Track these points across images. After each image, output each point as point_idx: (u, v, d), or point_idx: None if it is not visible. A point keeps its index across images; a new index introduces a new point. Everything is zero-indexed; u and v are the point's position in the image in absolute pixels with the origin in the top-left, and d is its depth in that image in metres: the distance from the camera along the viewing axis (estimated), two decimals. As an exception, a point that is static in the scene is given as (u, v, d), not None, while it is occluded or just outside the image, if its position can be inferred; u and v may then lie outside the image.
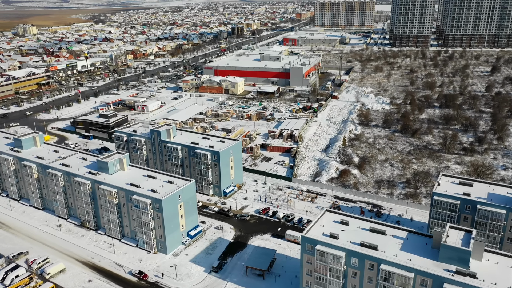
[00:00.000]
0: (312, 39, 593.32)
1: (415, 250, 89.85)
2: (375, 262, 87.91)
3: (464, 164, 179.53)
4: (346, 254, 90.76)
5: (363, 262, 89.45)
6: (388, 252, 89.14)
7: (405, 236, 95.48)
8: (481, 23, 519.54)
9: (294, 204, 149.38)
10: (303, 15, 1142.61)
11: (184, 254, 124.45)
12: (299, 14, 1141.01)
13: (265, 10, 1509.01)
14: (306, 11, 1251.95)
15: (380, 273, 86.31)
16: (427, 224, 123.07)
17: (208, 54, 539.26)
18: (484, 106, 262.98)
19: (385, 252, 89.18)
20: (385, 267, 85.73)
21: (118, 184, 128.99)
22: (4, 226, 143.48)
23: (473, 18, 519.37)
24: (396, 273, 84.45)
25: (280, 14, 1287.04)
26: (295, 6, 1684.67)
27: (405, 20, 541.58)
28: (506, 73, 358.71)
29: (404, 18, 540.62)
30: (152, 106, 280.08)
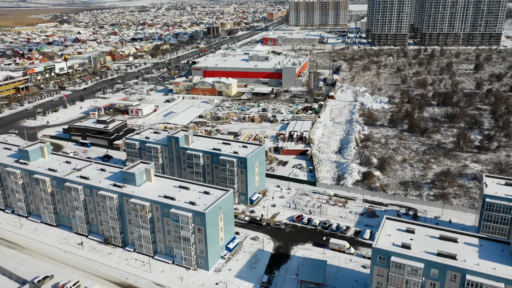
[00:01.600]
0: (292, 39, 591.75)
1: (495, 258, 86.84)
2: (459, 273, 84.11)
3: (481, 163, 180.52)
4: (425, 265, 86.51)
5: (444, 273, 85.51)
6: (469, 261, 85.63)
7: (477, 243, 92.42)
8: (456, 22, 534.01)
9: (327, 210, 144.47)
10: (275, 15, 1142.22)
11: (227, 269, 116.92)
12: (270, 14, 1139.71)
13: (235, 10, 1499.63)
14: (277, 10, 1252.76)
15: (466, 284, 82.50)
16: (476, 227, 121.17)
17: (188, 54, 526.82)
18: (479, 103, 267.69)
19: (465, 262, 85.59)
20: (472, 277, 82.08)
21: (150, 197, 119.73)
22: (18, 246, 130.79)
23: (449, 17, 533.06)
24: (484, 284, 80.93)
25: (251, 13, 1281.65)
26: (264, 5, 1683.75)
27: (383, 19, 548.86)
28: (489, 71, 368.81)
29: (382, 17, 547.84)
30: (146, 110, 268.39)
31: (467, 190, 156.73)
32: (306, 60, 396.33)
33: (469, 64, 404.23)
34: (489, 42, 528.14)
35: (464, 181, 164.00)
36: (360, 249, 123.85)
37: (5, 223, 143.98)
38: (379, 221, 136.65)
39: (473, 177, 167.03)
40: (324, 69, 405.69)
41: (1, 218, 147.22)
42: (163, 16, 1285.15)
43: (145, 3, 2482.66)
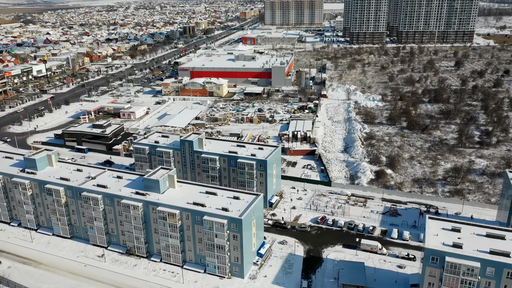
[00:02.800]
0: (271, 38, 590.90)
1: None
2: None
3: (486, 158, 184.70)
4: (481, 264, 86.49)
5: (500, 271, 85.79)
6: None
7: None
8: (431, 20, 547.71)
9: (349, 210, 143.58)
10: (248, 14, 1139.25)
11: (262, 276, 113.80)
12: (243, 13, 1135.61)
13: (206, 9, 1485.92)
14: (249, 9, 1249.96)
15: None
16: (499, 222, 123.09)
17: (167, 55, 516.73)
18: (468, 99, 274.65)
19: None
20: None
21: (178, 204, 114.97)
22: (32, 261, 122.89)
23: (424, 15, 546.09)
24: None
25: (223, 13, 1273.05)
26: (235, 4, 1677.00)
27: (361, 18, 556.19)
28: (469, 67, 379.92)
29: (360, 16, 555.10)
30: (139, 113, 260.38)
31: (479, 185, 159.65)
32: (292, 59, 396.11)
33: (449, 61, 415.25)
34: (462, 40, 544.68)
35: (474, 176, 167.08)
36: (390, 248, 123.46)
37: (13, 237, 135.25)
38: (403, 219, 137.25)
39: (482, 172, 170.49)
40: (308, 68, 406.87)
41: (8, 232, 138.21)
42: (133, 16, 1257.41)
43: (111, 2, 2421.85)
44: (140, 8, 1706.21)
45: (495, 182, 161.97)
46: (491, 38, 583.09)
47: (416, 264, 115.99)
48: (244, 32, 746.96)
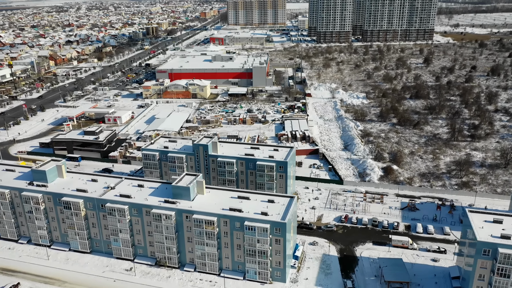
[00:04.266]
0: (240, 38, 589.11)
1: None
2: None
3: (480, 150, 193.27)
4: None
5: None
6: None
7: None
8: (394, 19, 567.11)
9: (369, 207, 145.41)
10: (208, 14, 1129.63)
11: (303, 278, 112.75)
12: (203, 13, 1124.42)
13: (162, 10, 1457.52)
14: (209, 9, 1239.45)
15: None
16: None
17: (135, 56, 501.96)
18: (446, 95, 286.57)
19: None
20: None
21: (213, 210, 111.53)
22: (55, 280, 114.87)
23: (387, 14, 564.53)
24: None
25: (182, 13, 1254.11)
26: (191, 4, 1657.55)
27: (327, 17, 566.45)
28: (438, 64, 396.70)
29: (326, 15, 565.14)
30: (125, 117, 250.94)
31: (483, 177, 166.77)
32: (268, 59, 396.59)
33: (417, 58, 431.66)
34: (424, 37, 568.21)
35: (475, 169, 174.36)
36: (419, 243, 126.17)
37: (25, 256, 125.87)
38: (423, 214, 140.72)
39: (481, 164, 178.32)
40: (284, 68, 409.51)
41: (18, 250, 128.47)
42: (87, 17, 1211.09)
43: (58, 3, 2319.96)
44: (93, 8, 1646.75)
45: (496, 173, 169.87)
46: (448, 35, 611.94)
47: (448, 256, 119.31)
48: (209, 33, 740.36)
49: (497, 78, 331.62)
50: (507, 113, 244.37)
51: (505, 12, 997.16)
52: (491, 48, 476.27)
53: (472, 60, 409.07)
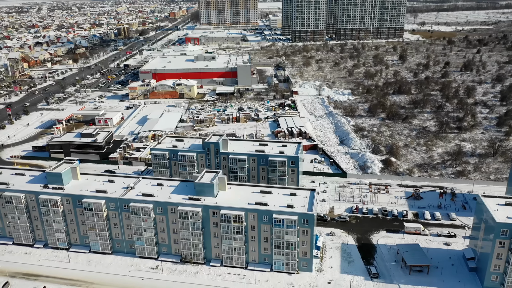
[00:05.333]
0: (215, 37, 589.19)
1: None
2: None
3: (468, 141, 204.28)
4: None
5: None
6: None
7: None
8: (366, 18, 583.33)
9: (377, 198, 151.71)
10: (177, 14, 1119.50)
11: (327, 267, 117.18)
12: (173, 13, 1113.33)
13: (129, 10, 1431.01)
14: (178, 9, 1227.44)
15: None
16: None
17: (110, 58, 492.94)
18: (426, 90, 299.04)
19: None
20: None
21: (240, 205, 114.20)
22: (82, 282, 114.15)
23: (359, 13, 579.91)
24: None
25: (150, 13, 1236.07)
26: (158, 4, 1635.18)
27: (302, 16, 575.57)
28: (412, 61, 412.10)
29: (301, 14, 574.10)
30: (115, 119, 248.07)
31: (475, 166, 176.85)
32: (250, 58, 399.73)
33: (392, 55, 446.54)
34: (394, 35, 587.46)
35: (467, 158, 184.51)
36: (429, 229, 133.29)
37: (44, 259, 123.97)
38: (428, 202, 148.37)
39: (471, 154, 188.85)
40: (265, 66, 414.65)
41: (35, 254, 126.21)
42: (50, 18, 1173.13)
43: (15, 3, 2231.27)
44: (55, 9, 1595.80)
45: (486, 162, 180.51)
46: (417, 33, 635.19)
47: (458, 240, 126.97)
48: (182, 33, 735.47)
49: (470, 73, 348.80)
50: (486, 105, 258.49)
51: (465, 10, 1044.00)
52: (459, 45, 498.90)
53: (444, 56, 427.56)
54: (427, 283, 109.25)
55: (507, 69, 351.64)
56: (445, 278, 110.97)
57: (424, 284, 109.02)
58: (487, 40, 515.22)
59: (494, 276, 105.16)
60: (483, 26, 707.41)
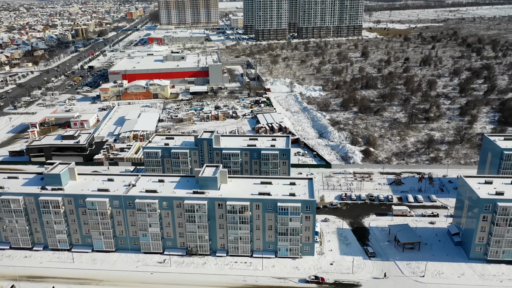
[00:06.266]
0: (179, 38, 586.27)
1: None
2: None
3: (436, 130, 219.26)
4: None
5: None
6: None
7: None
8: (326, 16, 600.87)
9: (363, 185, 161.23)
10: (134, 14, 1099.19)
11: (328, 250, 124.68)
12: (129, 13, 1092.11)
13: (82, 10, 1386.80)
14: (135, 9, 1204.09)
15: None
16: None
17: (72, 59, 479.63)
18: (391, 84, 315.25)
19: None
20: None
21: (244, 196, 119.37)
22: (91, 280, 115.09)
23: (320, 12, 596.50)
24: None
25: (105, 13, 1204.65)
26: (112, 5, 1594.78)
27: (264, 16, 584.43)
28: (374, 57, 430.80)
29: (263, 14, 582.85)
30: (92, 121, 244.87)
31: (446, 152, 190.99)
32: (219, 57, 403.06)
33: (354, 52, 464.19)
34: (353, 33, 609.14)
35: (438, 146, 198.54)
36: (414, 211, 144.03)
37: (46, 261, 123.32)
38: (410, 186, 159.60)
39: (441, 142, 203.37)
40: (233, 65, 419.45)
41: (36, 257, 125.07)
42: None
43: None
44: (1, 10, 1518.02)
45: (455, 148, 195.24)
46: (374, 31, 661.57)
47: (441, 219, 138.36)
48: (142, 33, 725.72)
49: (428, 67, 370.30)
50: (447, 97, 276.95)
51: (415, 9, 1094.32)
52: (415, 41, 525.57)
53: (403, 52, 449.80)
54: (419, 258, 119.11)
55: (461, 63, 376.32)
56: (434, 252, 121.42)
57: (416, 259, 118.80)
58: (440, 37, 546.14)
59: (478, 247, 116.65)
60: (434, 23, 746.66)
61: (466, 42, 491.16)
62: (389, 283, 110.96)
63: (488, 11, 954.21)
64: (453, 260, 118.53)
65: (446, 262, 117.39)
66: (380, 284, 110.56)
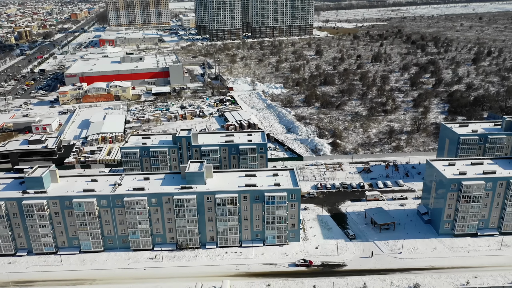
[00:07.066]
0: (131, 39, 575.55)
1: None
2: (502, 181, 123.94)
3: (394, 121, 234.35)
4: (485, 182, 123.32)
5: (495, 184, 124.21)
6: (504, 174, 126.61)
7: (492, 162, 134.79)
8: (278, 16, 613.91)
9: (335, 174, 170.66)
10: (79, 15, 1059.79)
11: (311, 235, 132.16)
12: (74, 15, 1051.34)
13: (20, 12, 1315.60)
14: (80, 11, 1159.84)
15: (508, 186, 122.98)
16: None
17: (19, 63, 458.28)
18: (348, 80, 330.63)
19: (501, 174, 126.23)
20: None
21: (232, 189, 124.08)
22: (84, 280, 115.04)
23: (272, 12, 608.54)
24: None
25: (47, 15, 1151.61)
26: (52, 5, 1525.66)
27: (218, 16, 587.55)
28: (328, 55, 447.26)
29: (217, 14, 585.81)
30: (54, 125, 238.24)
31: (406, 141, 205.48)
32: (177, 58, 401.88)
33: (308, 51, 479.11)
34: (305, 32, 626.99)
35: (398, 135, 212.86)
36: (385, 195, 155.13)
37: (33, 266, 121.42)
38: (378, 173, 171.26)
39: (400, 132, 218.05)
40: (191, 65, 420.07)
41: (21, 262, 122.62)
42: None
43: None
44: None
45: (414, 137, 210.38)
46: (324, 30, 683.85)
47: (409, 201, 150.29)
48: (91, 35, 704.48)
49: (380, 64, 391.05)
50: (400, 91, 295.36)
51: (359, 8, 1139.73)
52: (363, 39, 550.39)
53: (354, 50, 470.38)
54: (395, 237, 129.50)
55: (409, 59, 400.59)
56: (408, 231, 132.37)
57: (393, 238, 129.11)
58: (386, 35, 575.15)
59: (446, 223, 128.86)
60: (379, 22, 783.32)
61: (411, 39, 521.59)
62: (372, 260, 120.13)
63: (426, 10, 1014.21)
64: (425, 236, 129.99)
65: (419, 239, 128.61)
66: (363, 263, 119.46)
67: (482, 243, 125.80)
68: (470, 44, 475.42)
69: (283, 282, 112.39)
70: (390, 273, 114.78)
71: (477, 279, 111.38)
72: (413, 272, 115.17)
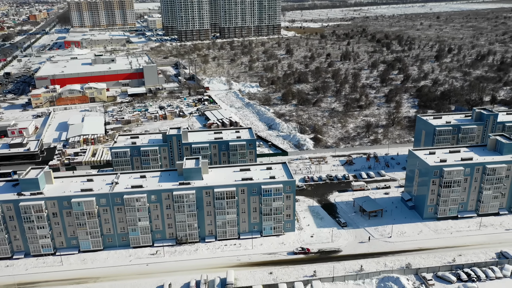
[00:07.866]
0: (98, 40, 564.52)
1: (484, 153, 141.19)
2: (480, 166, 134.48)
3: (370, 116, 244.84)
4: (464, 168, 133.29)
5: (473, 169, 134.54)
6: (479, 159, 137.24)
7: (468, 150, 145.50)
8: (246, 17, 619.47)
9: (321, 168, 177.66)
10: (38, 16, 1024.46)
11: (305, 225, 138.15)
12: (33, 16, 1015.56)
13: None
14: (38, 12, 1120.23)
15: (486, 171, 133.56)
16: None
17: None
18: (320, 78, 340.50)
19: (478, 159, 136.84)
20: (490, 166, 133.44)
21: (231, 182, 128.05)
22: (88, 279, 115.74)
23: (240, 12, 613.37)
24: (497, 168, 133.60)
25: (4, 16, 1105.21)
26: (7, 6, 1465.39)
27: (186, 16, 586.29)
28: (298, 54, 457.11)
29: (185, 15, 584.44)
30: (31, 128, 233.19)
31: (383, 134, 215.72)
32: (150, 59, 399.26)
33: (279, 50, 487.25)
34: (273, 32, 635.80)
35: (375, 129, 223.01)
36: (369, 185, 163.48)
37: (32, 267, 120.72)
38: (361, 165, 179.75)
39: (376, 125, 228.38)
40: (163, 66, 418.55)
41: (19, 265, 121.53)
42: None
43: None
44: None
45: (389, 130, 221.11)
46: (291, 30, 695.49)
47: (392, 190, 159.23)
48: (54, 36, 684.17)
49: (349, 62, 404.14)
50: (372, 87, 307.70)
51: (323, 8, 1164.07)
52: (331, 38, 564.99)
53: (323, 49, 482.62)
54: (383, 223, 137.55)
55: (376, 57, 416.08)
56: (394, 217, 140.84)
57: (381, 224, 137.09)
58: (352, 34, 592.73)
59: (430, 208, 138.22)
60: (343, 22, 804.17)
61: (376, 38, 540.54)
62: (364, 245, 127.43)
63: (386, 10, 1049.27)
64: (410, 221, 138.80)
65: (405, 224, 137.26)
66: (357, 248, 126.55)
67: (462, 225, 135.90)
68: (432, 42, 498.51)
69: (284, 269, 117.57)
70: (383, 256, 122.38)
71: (461, 257, 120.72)
72: (404, 254, 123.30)
